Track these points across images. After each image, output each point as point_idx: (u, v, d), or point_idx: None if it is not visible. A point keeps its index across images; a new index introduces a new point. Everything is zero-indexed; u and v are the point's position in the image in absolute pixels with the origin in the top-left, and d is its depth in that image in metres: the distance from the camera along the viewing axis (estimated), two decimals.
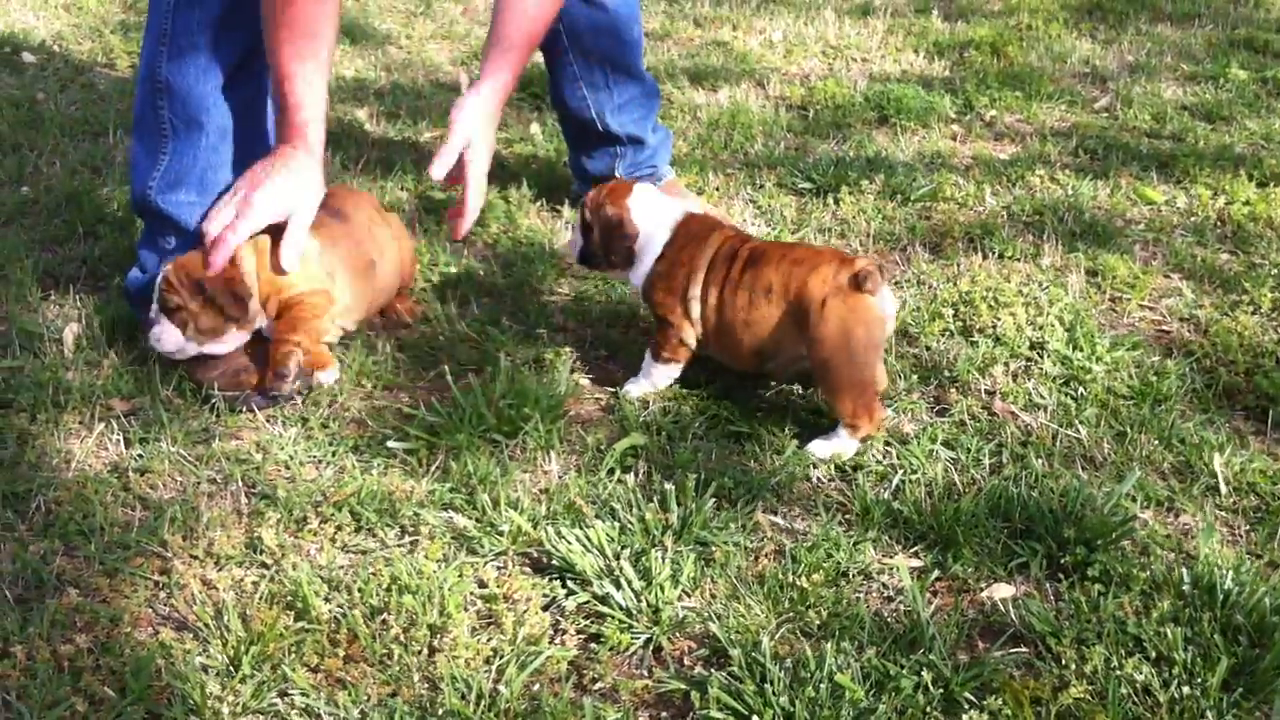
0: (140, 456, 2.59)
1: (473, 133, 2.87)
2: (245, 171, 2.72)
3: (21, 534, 2.38)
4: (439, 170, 2.87)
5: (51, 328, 3.02)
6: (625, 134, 3.63)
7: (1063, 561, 2.29)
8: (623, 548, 2.29)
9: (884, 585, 2.28)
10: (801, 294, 2.60)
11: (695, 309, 2.75)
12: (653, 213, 2.83)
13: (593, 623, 2.18)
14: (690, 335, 2.77)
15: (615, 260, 2.85)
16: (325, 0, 2.62)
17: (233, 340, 2.80)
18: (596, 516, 2.39)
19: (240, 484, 2.52)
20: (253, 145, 2.88)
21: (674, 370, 2.82)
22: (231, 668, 2.04)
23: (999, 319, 3.06)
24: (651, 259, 2.81)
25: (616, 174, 3.63)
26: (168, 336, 2.75)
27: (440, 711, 1.96)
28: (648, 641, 2.14)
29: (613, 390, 2.85)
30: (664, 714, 2.01)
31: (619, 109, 3.60)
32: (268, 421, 2.73)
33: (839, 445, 2.62)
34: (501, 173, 3.88)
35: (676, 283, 2.76)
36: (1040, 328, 3.03)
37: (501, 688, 1.99)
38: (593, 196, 2.88)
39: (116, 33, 5.41)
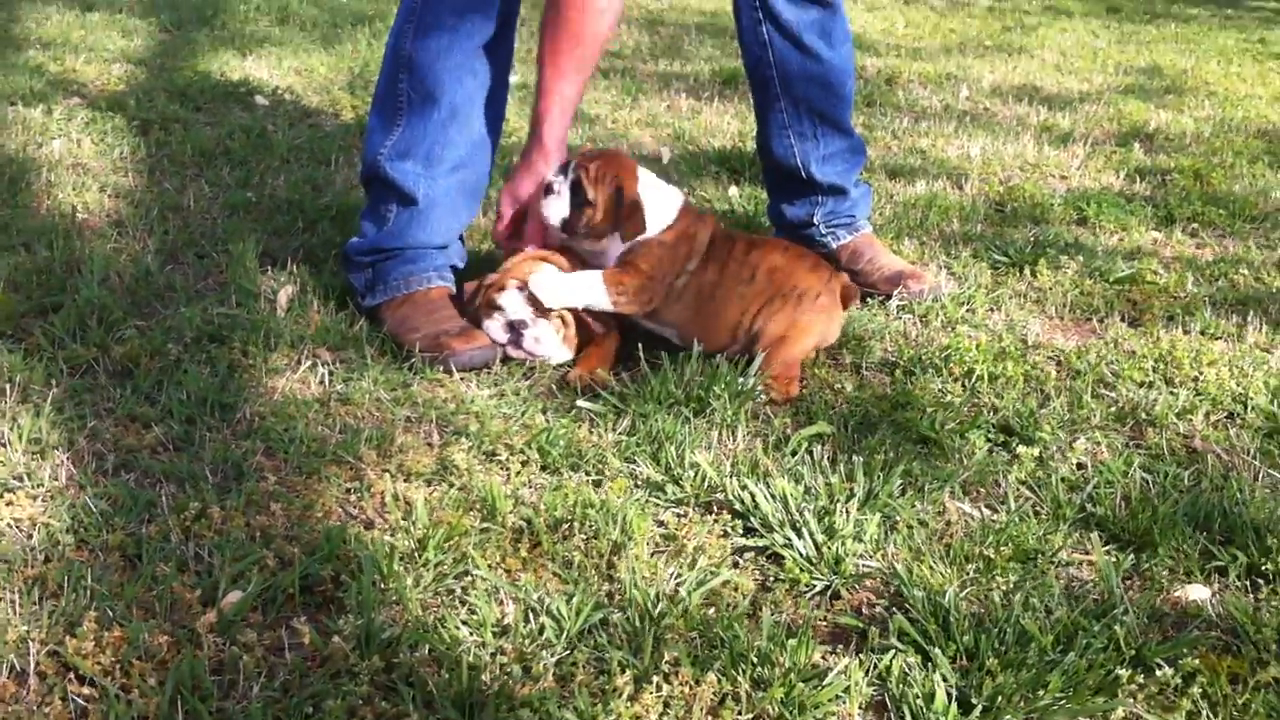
0: (342, 392, 2.69)
1: None
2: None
3: (225, 436, 2.47)
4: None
5: (268, 290, 3.17)
6: (828, 183, 3.66)
7: (1264, 569, 2.19)
8: (805, 505, 2.27)
9: (1074, 576, 2.20)
10: (799, 281, 2.96)
11: (680, 281, 2.94)
12: (659, 197, 2.97)
13: (772, 564, 2.16)
14: (655, 300, 2.93)
15: (603, 233, 2.94)
16: (592, 25, 2.83)
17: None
18: (780, 476, 2.38)
19: (434, 423, 2.58)
20: (482, 130, 3.02)
21: (608, 309, 2.91)
22: (417, 552, 2.07)
23: (1201, 373, 2.98)
24: (650, 235, 2.93)
25: (814, 221, 3.68)
26: (549, 339, 2.90)
27: (619, 601, 1.95)
28: (826, 588, 2.11)
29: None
30: (840, 646, 1.97)
31: (824, 159, 3.64)
32: (462, 381, 2.80)
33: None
34: None
35: (680, 253, 2.94)
36: (1244, 386, 2.94)
37: (682, 590, 1.97)
38: (598, 172, 2.92)
39: (345, 90, 5.74)
